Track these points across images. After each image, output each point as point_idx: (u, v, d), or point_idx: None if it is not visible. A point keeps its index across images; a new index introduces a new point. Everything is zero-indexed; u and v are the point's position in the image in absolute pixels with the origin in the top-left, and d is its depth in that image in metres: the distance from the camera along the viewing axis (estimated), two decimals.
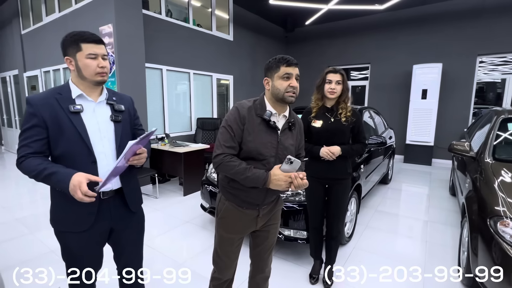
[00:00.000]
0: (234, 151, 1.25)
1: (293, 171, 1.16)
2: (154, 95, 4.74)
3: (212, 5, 5.71)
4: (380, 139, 2.99)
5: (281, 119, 1.31)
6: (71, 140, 1.12)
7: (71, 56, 1.14)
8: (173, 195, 4.11)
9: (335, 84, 1.86)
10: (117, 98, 1.30)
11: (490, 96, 6.02)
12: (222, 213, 1.38)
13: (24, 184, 4.60)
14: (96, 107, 1.21)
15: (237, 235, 1.39)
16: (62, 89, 1.17)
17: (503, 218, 1.67)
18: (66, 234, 1.20)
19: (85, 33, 1.13)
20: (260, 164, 1.25)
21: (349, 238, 2.74)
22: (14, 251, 2.54)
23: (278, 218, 1.49)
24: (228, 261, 1.44)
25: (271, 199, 1.35)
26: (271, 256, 1.54)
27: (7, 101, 7.30)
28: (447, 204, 3.76)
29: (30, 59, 5.98)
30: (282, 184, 1.18)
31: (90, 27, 4.07)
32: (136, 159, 1.18)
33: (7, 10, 6.37)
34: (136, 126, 1.39)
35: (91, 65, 1.13)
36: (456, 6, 5.78)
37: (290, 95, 1.22)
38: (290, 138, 1.32)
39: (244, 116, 1.24)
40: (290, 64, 1.22)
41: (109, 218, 1.25)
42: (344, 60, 7.33)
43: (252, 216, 1.35)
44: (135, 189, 1.36)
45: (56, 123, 1.11)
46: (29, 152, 1.09)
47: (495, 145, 2.44)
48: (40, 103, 1.10)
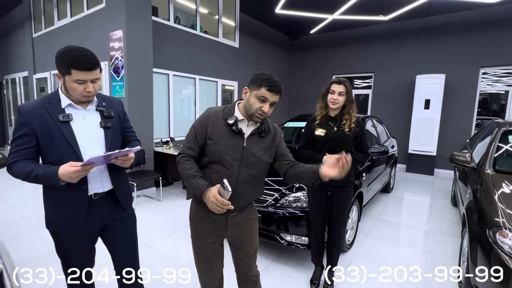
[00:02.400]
0: (192, 152, 1.28)
1: (225, 196, 1.12)
2: (160, 99, 4.83)
3: (219, 12, 5.84)
4: (382, 148, 3.02)
5: (250, 125, 1.30)
6: (61, 148, 1.18)
7: (60, 74, 1.15)
8: (176, 198, 4.15)
9: (337, 95, 1.91)
10: (106, 104, 1.34)
11: (493, 107, 6.04)
12: (192, 218, 1.39)
13: (30, 184, 4.66)
14: (85, 114, 1.26)
15: (208, 239, 1.37)
16: (52, 97, 1.21)
17: (502, 229, 1.69)
18: (60, 235, 1.27)
19: (78, 59, 1.10)
20: (222, 167, 1.25)
21: (350, 246, 2.76)
22: (24, 248, 2.59)
23: (253, 226, 1.45)
24: (209, 265, 1.42)
25: (236, 206, 1.25)
26: (254, 261, 1.50)
27: (16, 102, 7.44)
28: (449, 214, 3.77)
29: (40, 61, 6.11)
30: (210, 204, 1.16)
31: (101, 32, 4.19)
32: (119, 162, 1.22)
33: (19, 14, 6.55)
34: (126, 129, 1.44)
35: (77, 89, 1.15)
36: (460, 18, 5.85)
37: (257, 116, 1.23)
38: (259, 144, 1.30)
39: (208, 119, 1.27)
40: (272, 90, 1.19)
41: (100, 216, 1.32)
42: (347, 69, 7.40)
43: (220, 222, 1.33)
44: (125, 188, 1.42)
45: (46, 132, 1.16)
46: (17, 160, 1.16)
47: (496, 156, 2.47)
48: (31, 113, 1.15)
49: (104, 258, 1.42)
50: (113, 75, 4.04)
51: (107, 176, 1.31)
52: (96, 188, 1.28)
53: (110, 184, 1.32)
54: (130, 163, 1.27)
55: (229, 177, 1.24)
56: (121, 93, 3.94)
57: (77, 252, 1.31)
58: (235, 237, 1.40)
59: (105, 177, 1.31)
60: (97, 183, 1.29)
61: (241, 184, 1.28)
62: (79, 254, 1.32)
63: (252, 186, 1.32)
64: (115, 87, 4.04)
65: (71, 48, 1.12)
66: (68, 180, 1.11)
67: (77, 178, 1.12)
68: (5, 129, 8.32)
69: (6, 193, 4.16)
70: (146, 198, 4.10)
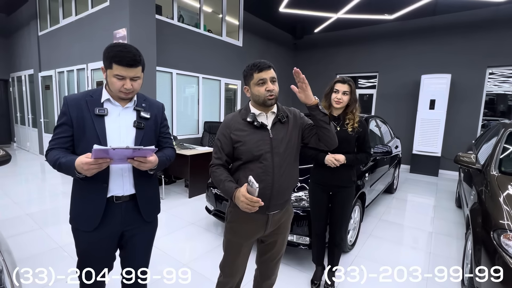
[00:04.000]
0: (220, 161, 1.34)
1: (254, 193, 1.12)
2: (164, 97, 4.84)
3: (223, 11, 5.83)
4: (386, 148, 3.00)
5: (270, 116, 1.34)
6: (90, 141, 1.17)
7: (104, 68, 1.18)
8: (179, 197, 4.16)
9: (341, 94, 1.89)
10: (146, 105, 1.32)
11: (500, 108, 5.96)
12: (230, 218, 1.39)
13: (35, 180, 4.72)
14: (122, 111, 1.25)
15: (245, 240, 1.38)
16: (95, 92, 1.24)
17: (507, 231, 1.66)
18: (78, 232, 1.27)
19: (120, 54, 1.12)
20: (258, 163, 1.27)
21: (351, 246, 2.74)
22: (27, 245, 2.61)
23: (287, 227, 1.47)
24: (235, 267, 1.43)
25: (277, 201, 1.32)
26: (278, 264, 1.53)
27: (21, 99, 7.52)
28: (453, 216, 3.72)
29: (46, 59, 6.17)
30: (240, 204, 1.17)
31: (105, 30, 4.21)
32: (136, 163, 1.13)
33: (25, 12, 6.61)
34: (162, 134, 1.40)
35: (115, 84, 1.16)
36: (467, 17, 5.77)
37: (269, 98, 1.26)
38: (284, 130, 1.33)
39: (228, 125, 1.33)
40: (262, 69, 1.24)
41: (120, 222, 1.26)
42: (352, 68, 7.35)
43: (260, 221, 1.34)
44: (152, 197, 1.36)
45: (81, 123, 1.19)
46: (53, 147, 1.19)
47: (501, 158, 2.43)
48: (72, 103, 1.19)
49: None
50: None
51: (129, 178, 1.25)
52: (116, 189, 1.23)
53: (132, 188, 1.26)
54: (148, 167, 1.17)
55: (266, 172, 1.26)
56: None
57: (93, 253, 1.28)
58: (270, 236, 1.42)
59: (127, 179, 1.25)
60: (117, 184, 1.23)
61: (279, 176, 1.29)
62: (95, 256, 1.29)
63: (289, 174, 1.34)
64: None
65: (118, 44, 1.15)
66: (82, 172, 1.06)
67: (89, 171, 1.05)
68: (11, 127, 8.42)
69: (12, 190, 4.21)
70: None
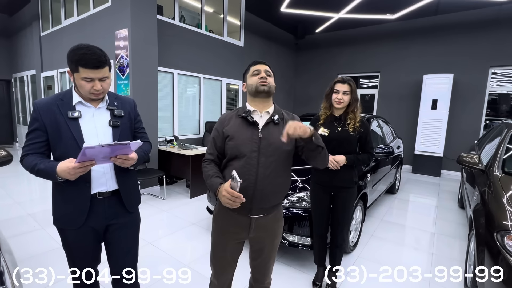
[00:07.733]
0: (211, 156, 1.36)
1: (236, 188, 1.11)
2: (165, 97, 4.84)
3: (224, 11, 5.83)
4: (387, 149, 2.98)
5: (264, 115, 1.33)
6: (68, 144, 1.19)
7: (71, 71, 1.17)
8: (180, 197, 4.16)
9: (342, 94, 1.89)
10: (118, 103, 1.33)
11: (503, 107, 5.92)
12: (215, 215, 1.41)
13: (37, 180, 4.73)
14: (95, 112, 1.27)
15: (229, 240, 1.36)
16: (65, 95, 1.24)
17: (511, 233, 1.65)
18: (65, 231, 1.29)
19: (85, 57, 1.11)
20: (243, 162, 1.24)
21: (353, 247, 2.73)
22: (28, 245, 2.62)
23: (275, 234, 1.41)
24: (222, 266, 1.42)
25: (261, 205, 1.28)
26: (270, 270, 1.50)
27: (24, 99, 7.55)
28: (455, 217, 3.70)
29: (48, 60, 6.19)
30: (222, 199, 1.17)
31: (106, 31, 4.22)
32: (119, 161, 1.17)
33: (28, 13, 6.64)
34: (137, 129, 1.43)
35: (85, 87, 1.16)
36: (469, 16, 5.74)
37: (261, 84, 1.28)
38: (276, 133, 1.27)
39: (223, 121, 1.35)
40: (257, 62, 1.35)
41: (104, 216, 1.30)
42: (353, 68, 7.33)
43: (243, 223, 1.32)
44: (133, 190, 1.40)
45: (56, 128, 1.19)
46: (28, 153, 1.20)
47: (504, 158, 2.41)
48: (43, 109, 1.19)
49: (104, 257, 1.41)
50: (118, 73, 4.06)
51: (112, 175, 1.30)
52: (100, 187, 1.27)
53: (115, 184, 1.30)
54: (130, 164, 1.22)
55: (250, 171, 1.24)
56: (126, 91, 3.96)
57: (81, 249, 1.32)
58: (256, 240, 1.39)
59: (109, 176, 1.29)
60: (101, 182, 1.27)
61: (263, 177, 1.25)
62: (83, 252, 1.33)
63: (275, 177, 1.28)
64: (120, 86, 4.06)
65: (81, 46, 1.13)
66: (67, 176, 1.09)
67: (75, 175, 1.09)
68: (13, 127, 8.45)
69: (14, 190, 4.23)
70: (150, 196, 4.11)
